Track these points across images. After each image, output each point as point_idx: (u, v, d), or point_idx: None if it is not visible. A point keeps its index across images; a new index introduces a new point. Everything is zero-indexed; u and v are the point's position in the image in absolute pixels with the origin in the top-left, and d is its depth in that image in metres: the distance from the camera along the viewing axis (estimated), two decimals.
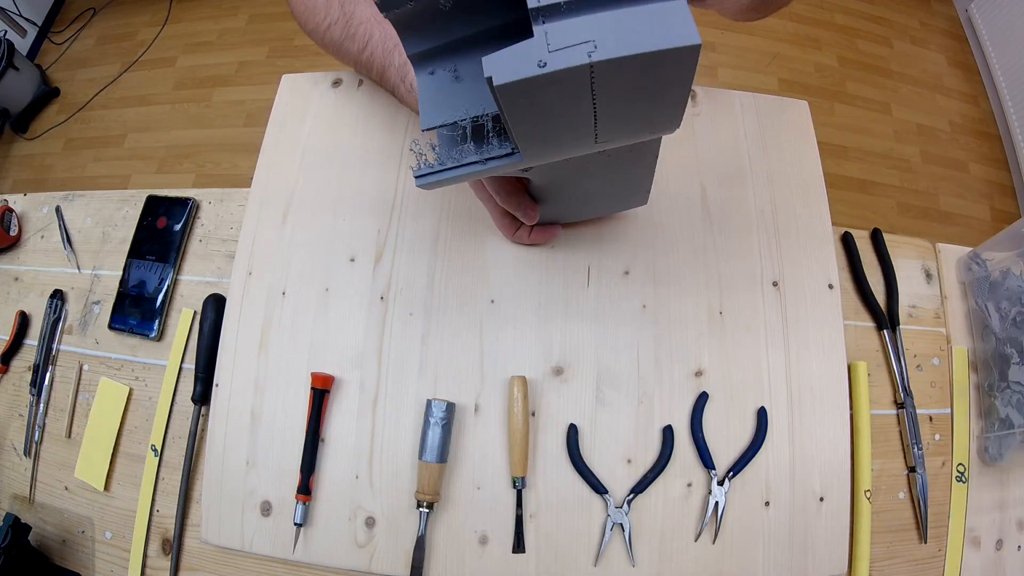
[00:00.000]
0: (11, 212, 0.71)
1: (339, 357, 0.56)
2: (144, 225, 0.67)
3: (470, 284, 0.58)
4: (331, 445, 0.54)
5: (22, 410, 0.65)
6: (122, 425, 0.61)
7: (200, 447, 0.59)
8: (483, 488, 0.53)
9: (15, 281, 0.70)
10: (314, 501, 0.53)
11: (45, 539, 0.60)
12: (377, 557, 0.52)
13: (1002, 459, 0.57)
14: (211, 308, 0.61)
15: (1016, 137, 1.79)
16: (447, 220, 0.60)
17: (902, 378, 0.60)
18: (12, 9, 2.02)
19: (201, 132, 1.88)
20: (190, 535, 0.57)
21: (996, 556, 0.57)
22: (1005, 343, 0.59)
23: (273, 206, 0.61)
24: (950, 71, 2.00)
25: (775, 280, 0.58)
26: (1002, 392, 0.58)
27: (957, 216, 1.77)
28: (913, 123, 1.89)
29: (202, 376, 0.59)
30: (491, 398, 0.55)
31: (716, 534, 0.52)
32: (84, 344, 0.65)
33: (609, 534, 0.51)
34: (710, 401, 0.55)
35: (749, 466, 0.53)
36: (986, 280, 0.63)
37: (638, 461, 0.53)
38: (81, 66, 2.11)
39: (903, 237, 0.67)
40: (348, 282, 0.58)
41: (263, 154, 0.64)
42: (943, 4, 2.14)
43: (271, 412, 0.55)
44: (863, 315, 0.63)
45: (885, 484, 0.58)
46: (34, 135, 1.99)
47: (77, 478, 0.61)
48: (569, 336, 0.56)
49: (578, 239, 0.59)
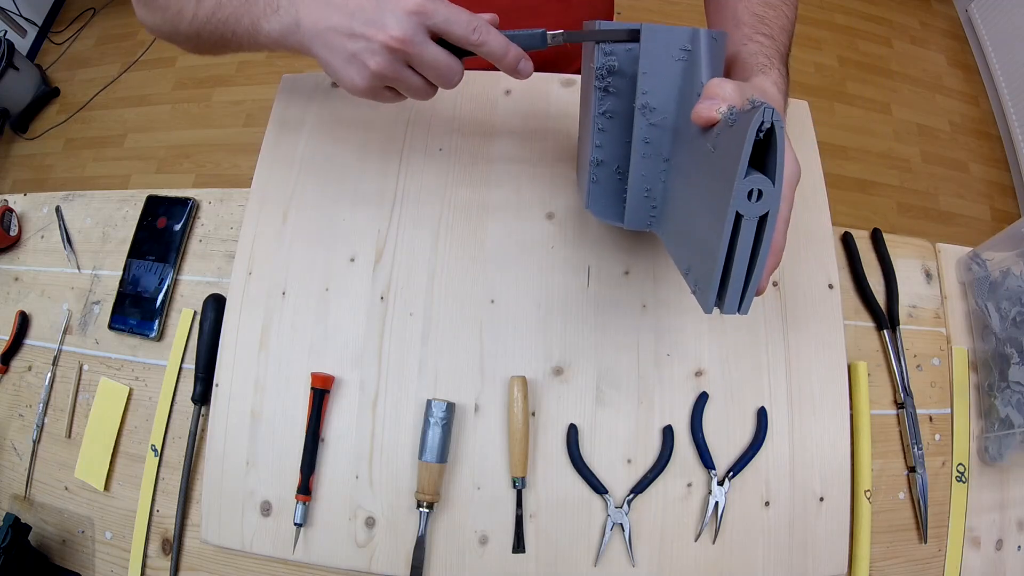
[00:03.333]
0: (11, 212, 0.71)
1: (339, 357, 0.56)
2: (144, 225, 0.67)
3: (470, 284, 0.58)
4: (331, 445, 0.54)
5: (22, 410, 0.65)
6: (122, 425, 0.61)
7: (200, 447, 0.59)
8: (483, 488, 0.53)
9: (15, 281, 0.70)
10: (314, 501, 0.53)
11: (45, 539, 0.60)
12: (377, 557, 0.52)
13: (1002, 459, 0.57)
14: (211, 308, 0.61)
15: (1016, 137, 1.79)
16: (447, 220, 0.60)
17: (902, 378, 0.60)
18: (12, 9, 2.02)
19: (201, 132, 1.88)
20: (190, 535, 0.57)
21: (996, 556, 0.57)
22: (1005, 343, 0.59)
23: (273, 206, 0.61)
24: (950, 71, 2.00)
25: (775, 280, 0.58)
26: (1002, 392, 0.58)
27: (957, 216, 1.77)
28: (913, 123, 1.89)
29: (202, 376, 0.59)
30: (491, 398, 0.55)
31: (716, 534, 0.52)
32: (84, 344, 0.65)
33: (609, 534, 0.51)
34: (710, 401, 0.55)
35: (749, 466, 0.53)
36: (986, 280, 0.63)
37: (638, 461, 0.53)
38: (81, 66, 2.10)
39: (903, 237, 0.67)
40: (348, 282, 0.58)
41: (263, 154, 0.64)
42: (943, 4, 2.14)
43: (271, 412, 0.55)
44: (863, 315, 0.63)
45: (885, 484, 0.58)
46: (34, 135, 1.99)
47: (77, 478, 0.61)
48: (569, 336, 0.56)
49: (578, 239, 0.59)
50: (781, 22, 0.51)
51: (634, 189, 0.44)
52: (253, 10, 0.46)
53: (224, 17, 0.48)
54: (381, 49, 0.40)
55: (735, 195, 0.30)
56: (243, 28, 0.47)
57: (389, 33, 0.39)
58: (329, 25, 0.41)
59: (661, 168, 0.43)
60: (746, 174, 0.30)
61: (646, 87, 0.41)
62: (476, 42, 0.41)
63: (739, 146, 0.30)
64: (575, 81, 0.66)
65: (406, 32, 0.39)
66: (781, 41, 0.50)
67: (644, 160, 0.43)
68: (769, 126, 0.30)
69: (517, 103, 0.65)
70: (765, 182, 0.30)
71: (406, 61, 0.41)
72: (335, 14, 0.41)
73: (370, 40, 0.40)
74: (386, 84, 0.43)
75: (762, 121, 0.30)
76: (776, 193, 0.31)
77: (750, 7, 0.51)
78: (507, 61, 0.42)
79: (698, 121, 0.35)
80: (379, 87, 0.43)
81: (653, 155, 0.43)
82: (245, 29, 0.47)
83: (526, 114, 0.64)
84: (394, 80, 0.42)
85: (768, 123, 0.30)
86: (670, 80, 0.41)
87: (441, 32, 0.41)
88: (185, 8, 0.50)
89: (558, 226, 0.60)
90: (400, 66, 0.41)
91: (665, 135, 0.42)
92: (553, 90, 0.65)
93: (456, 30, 0.40)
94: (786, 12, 0.52)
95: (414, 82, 0.43)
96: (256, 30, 0.46)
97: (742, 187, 0.30)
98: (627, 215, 0.45)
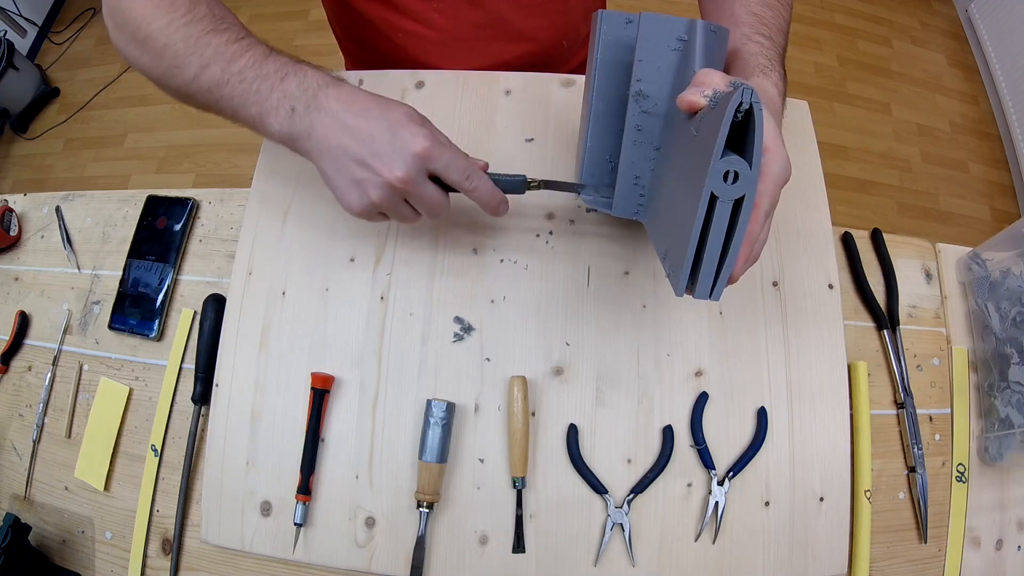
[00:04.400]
0: (11, 212, 0.71)
1: (339, 357, 0.56)
2: (144, 225, 0.67)
3: (470, 284, 0.58)
4: (331, 445, 0.54)
5: (22, 410, 0.65)
6: (122, 425, 0.61)
7: (200, 447, 0.59)
8: (483, 488, 0.53)
9: (15, 281, 0.70)
10: (314, 501, 0.53)
11: (45, 539, 0.60)
12: (377, 557, 0.52)
13: (1002, 459, 0.57)
14: (211, 308, 0.61)
15: (1016, 137, 1.79)
16: (447, 220, 0.60)
17: (902, 378, 0.60)
18: (12, 9, 2.02)
19: (201, 132, 1.88)
20: (190, 535, 0.57)
21: (996, 556, 0.57)
22: (1005, 343, 0.59)
23: (273, 206, 0.61)
24: (950, 71, 2.00)
25: (775, 280, 0.58)
26: (1002, 392, 0.58)
27: (957, 216, 1.77)
28: (913, 123, 1.89)
29: (202, 376, 0.59)
30: (491, 398, 0.55)
31: (716, 534, 0.52)
32: (84, 344, 0.65)
33: (609, 534, 0.51)
34: (710, 401, 0.55)
35: (749, 466, 0.53)
36: (986, 280, 0.63)
37: (638, 461, 0.53)
38: (81, 66, 2.10)
39: (903, 237, 0.67)
40: (348, 282, 0.58)
41: (263, 154, 0.64)
42: (943, 4, 2.14)
43: (271, 412, 0.55)
44: (863, 315, 0.63)
45: (885, 484, 0.58)
46: (34, 135, 1.99)
47: (77, 478, 0.61)
48: (569, 336, 0.56)
49: (578, 239, 0.59)
50: (778, 23, 0.51)
51: (623, 176, 0.45)
52: (263, 103, 0.45)
53: (227, 95, 0.46)
54: (384, 184, 0.43)
55: (711, 175, 0.31)
56: (247, 115, 0.46)
57: (395, 173, 0.43)
58: (341, 146, 0.43)
59: (651, 157, 0.44)
60: (723, 155, 0.31)
61: (640, 74, 0.42)
62: (469, 188, 0.46)
63: (717, 126, 0.30)
64: (575, 81, 0.66)
65: (409, 173, 0.43)
66: (779, 42, 0.50)
67: (635, 147, 0.43)
68: (748, 107, 0.30)
69: (517, 103, 0.65)
70: (742, 164, 0.31)
71: (403, 196, 0.45)
72: (348, 138, 0.43)
73: (376, 174, 0.43)
74: (380, 211, 0.46)
75: (740, 102, 0.30)
76: (752, 177, 0.31)
77: (748, 6, 0.51)
78: (491, 206, 0.48)
79: (682, 106, 0.36)
80: (374, 212, 0.46)
81: (644, 143, 0.43)
82: (249, 116, 0.46)
83: (526, 114, 0.64)
84: (388, 210, 0.46)
85: (747, 104, 0.30)
86: (665, 69, 0.41)
87: (439, 175, 0.45)
88: (184, 68, 0.46)
89: (558, 226, 0.60)
90: (398, 200, 0.45)
91: (656, 123, 0.43)
92: (553, 90, 0.65)
93: (453, 176, 0.45)
94: (783, 12, 0.52)
95: (405, 213, 0.47)
96: (262, 123, 0.46)
97: (718, 167, 0.31)
98: (615, 202, 0.46)
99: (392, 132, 0.43)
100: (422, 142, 0.43)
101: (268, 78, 0.45)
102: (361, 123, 0.43)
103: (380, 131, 0.43)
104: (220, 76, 0.46)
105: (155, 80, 0.51)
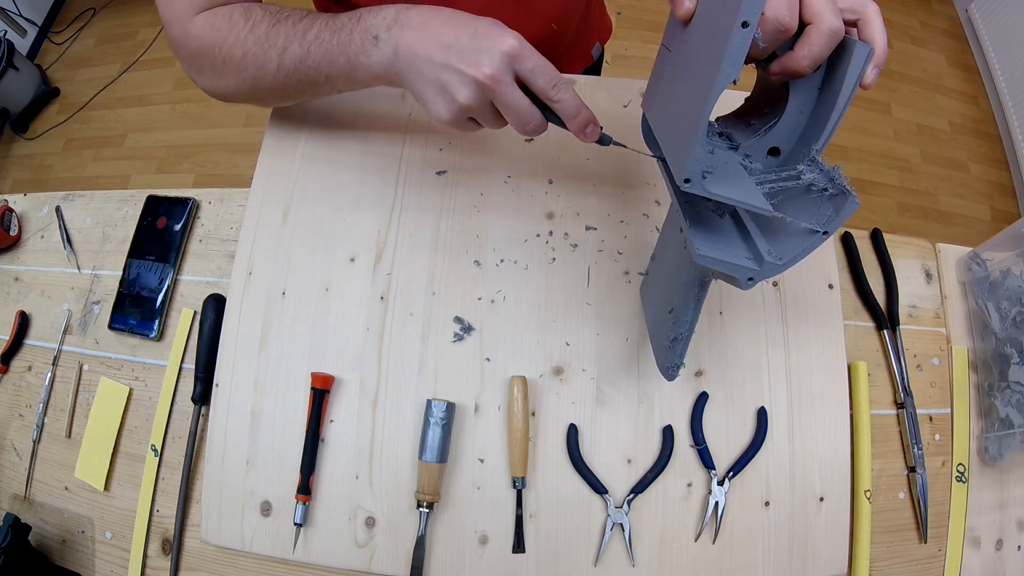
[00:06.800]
0: (11, 212, 0.71)
1: (339, 357, 0.56)
2: (144, 225, 0.67)
3: (470, 283, 0.58)
4: (331, 445, 0.54)
5: (22, 410, 0.65)
6: (122, 425, 0.61)
7: (200, 447, 0.59)
8: (483, 488, 0.53)
9: (15, 281, 0.70)
10: (314, 501, 0.53)
11: (45, 539, 0.60)
12: (377, 557, 0.52)
13: (1002, 459, 0.57)
14: (211, 308, 0.61)
15: (1016, 137, 1.79)
16: (447, 219, 0.60)
17: (902, 378, 0.60)
18: (12, 9, 2.02)
19: (201, 132, 1.88)
20: (190, 535, 0.57)
21: (996, 556, 0.57)
22: (1005, 343, 0.59)
23: (273, 206, 0.61)
24: (950, 71, 2.00)
25: (775, 280, 0.58)
26: (1002, 392, 0.58)
27: (957, 216, 1.77)
28: (913, 123, 1.89)
29: (202, 376, 0.59)
30: (491, 398, 0.55)
31: (716, 534, 0.52)
32: (84, 344, 0.65)
33: (609, 534, 0.51)
34: (710, 401, 0.55)
35: (749, 466, 0.53)
36: (986, 280, 0.63)
37: (638, 461, 0.53)
38: (81, 66, 2.10)
39: (903, 237, 0.67)
40: (348, 282, 0.58)
41: (263, 154, 0.64)
42: (943, 4, 2.14)
43: (271, 412, 0.55)
44: (863, 315, 0.63)
45: (885, 484, 0.58)
46: (34, 135, 1.99)
47: (77, 478, 0.61)
48: (569, 336, 0.56)
49: (578, 239, 0.59)
50: None
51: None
52: (349, 48, 0.46)
53: (315, 62, 0.48)
54: (471, 83, 0.42)
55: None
56: (338, 69, 0.47)
57: (482, 69, 0.41)
58: (426, 55, 0.43)
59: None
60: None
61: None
62: (555, 97, 0.42)
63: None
64: (574, 81, 0.66)
65: (497, 70, 0.41)
66: None
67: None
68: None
69: None
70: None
71: (491, 99, 0.43)
72: (431, 44, 0.42)
73: (462, 73, 0.42)
74: (470, 116, 0.44)
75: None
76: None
77: None
78: (578, 121, 0.43)
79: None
80: (464, 119, 0.44)
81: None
82: (340, 69, 0.47)
83: None
84: (478, 114, 0.44)
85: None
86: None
87: (526, 80, 0.42)
88: (267, 63, 0.49)
89: (558, 226, 0.60)
90: (486, 102, 0.43)
91: None
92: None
93: (540, 81, 0.42)
94: None
95: (494, 119, 0.45)
96: (354, 67, 0.46)
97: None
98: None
99: (478, 34, 0.41)
100: (511, 41, 0.41)
101: (344, 28, 0.46)
102: (447, 29, 0.42)
103: (465, 34, 0.42)
104: (300, 51, 0.47)
105: (249, 95, 0.53)
